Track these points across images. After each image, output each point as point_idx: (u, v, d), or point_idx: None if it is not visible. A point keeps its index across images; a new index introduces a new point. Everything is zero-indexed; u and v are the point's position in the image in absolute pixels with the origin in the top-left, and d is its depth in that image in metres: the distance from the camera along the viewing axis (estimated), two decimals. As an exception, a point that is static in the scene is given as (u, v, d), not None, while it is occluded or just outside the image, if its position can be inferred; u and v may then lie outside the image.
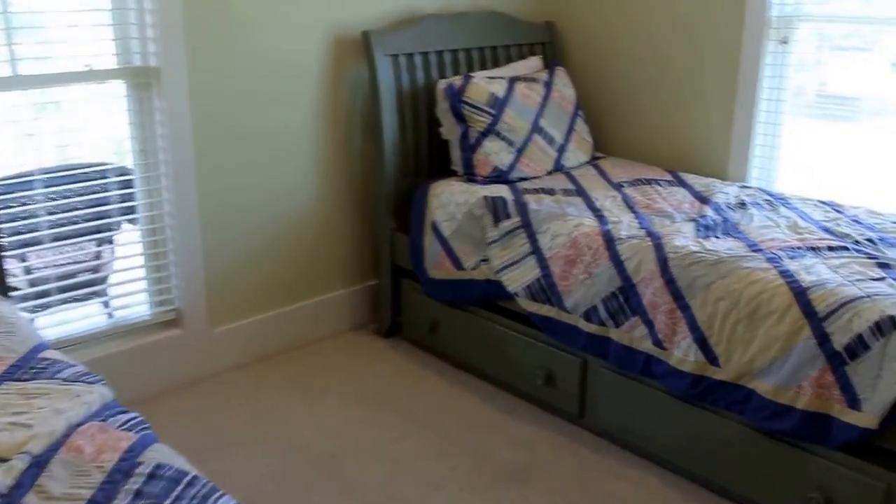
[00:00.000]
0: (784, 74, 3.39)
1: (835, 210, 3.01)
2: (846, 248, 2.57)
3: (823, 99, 3.36)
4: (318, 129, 3.45)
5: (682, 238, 2.67)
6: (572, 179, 3.43)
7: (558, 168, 3.57)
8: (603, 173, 3.53)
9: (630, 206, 3.06)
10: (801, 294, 2.28)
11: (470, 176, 3.39)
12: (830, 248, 2.57)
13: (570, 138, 3.65)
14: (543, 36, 4.02)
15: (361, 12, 3.46)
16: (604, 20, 3.93)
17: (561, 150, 3.58)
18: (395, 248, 3.54)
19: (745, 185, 3.37)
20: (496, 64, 3.83)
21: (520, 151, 3.43)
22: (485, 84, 3.44)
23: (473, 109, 3.38)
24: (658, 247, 2.62)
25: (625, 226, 2.82)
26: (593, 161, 3.75)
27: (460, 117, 3.41)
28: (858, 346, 2.14)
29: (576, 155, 3.66)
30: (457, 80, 3.43)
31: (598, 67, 4.02)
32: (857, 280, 2.32)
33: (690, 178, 3.44)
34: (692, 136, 3.69)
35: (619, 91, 3.95)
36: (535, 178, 3.45)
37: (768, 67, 3.40)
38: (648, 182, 3.37)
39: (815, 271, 2.39)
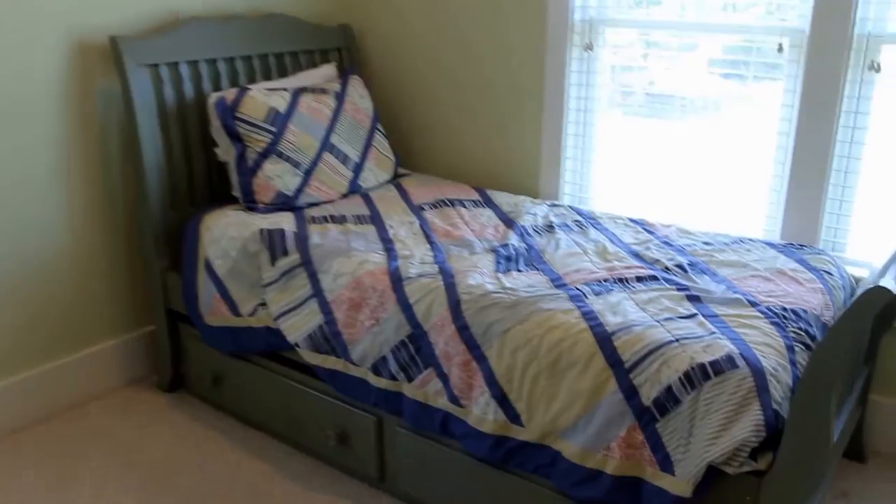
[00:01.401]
0: (592, 82, 3.13)
1: (645, 230, 2.76)
2: (656, 278, 2.31)
3: (650, 98, 3.13)
4: (64, 154, 2.89)
5: (478, 275, 2.33)
6: (369, 203, 3.04)
7: (355, 190, 3.18)
8: (404, 194, 3.16)
9: (427, 234, 2.71)
10: (605, 340, 1.97)
11: (250, 204, 2.94)
12: (639, 279, 2.30)
13: (368, 156, 3.26)
14: (338, 41, 3.61)
15: (111, 14, 2.93)
16: (406, 23, 3.57)
17: (357, 169, 3.19)
18: (169, 290, 3.04)
19: (556, 203, 3.09)
20: (283, 74, 3.39)
21: (308, 173, 3.01)
22: (263, 97, 3.00)
23: (250, 127, 2.93)
24: (450, 287, 2.27)
25: (416, 261, 2.46)
26: (395, 180, 3.37)
27: (235, 136, 2.95)
28: (668, 400, 1.86)
29: (375, 174, 3.28)
30: (229, 94, 2.97)
31: (400, 75, 3.65)
32: (666, 319, 2.04)
33: (499, 197, 3.13)
34: (502, 151, 3.39)
35: (424, 101, 3.60)
36: (327, 202, 3.05)
37: (574, 74, 3.14)
38: (452, 203, 3.03)
39: (621, 310, 2.10)
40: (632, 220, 2.86)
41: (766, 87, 2.79)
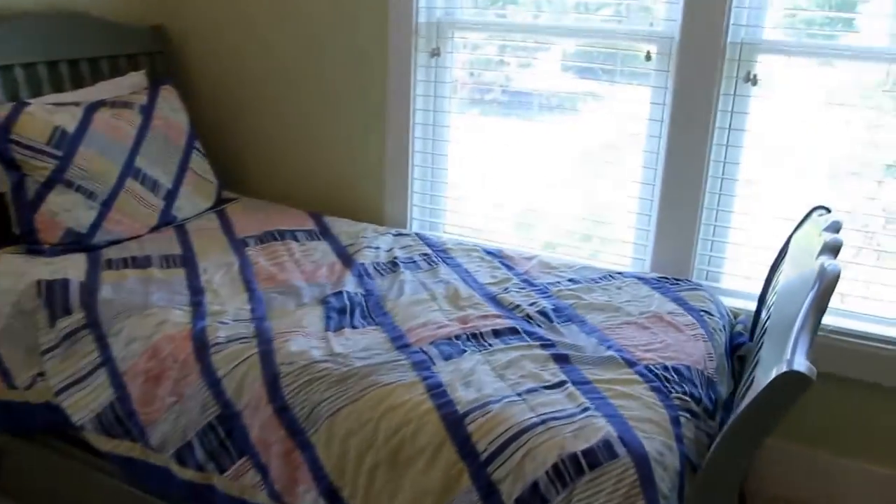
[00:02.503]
0: (442, 93, 2.76)
1: (504, 265, 2.41)
2: (516, 332, 1.95)
3: (508, 95, 2.77)
4: None
5: (303, 337, 1.91)
6: (183, 238, 2.55)
7: (168, 221, 2.68)
8: (228, 225, 2.69)
9: (247, 280, 2.25)
10: (456, 424, 1.59)
11: (33, 245, 2.40)
12: (497, 334, 1.94)
13: (184, 180, 2.76)
14: (149, 45, 3.08)
15: None
16: (229, 25, 3.08)
17: (170, 197, 2.69)
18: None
19: (402, 231, 2.69)
20: (79, 84, 2.84)
21: (106, 205, 2.49)
22: (45, 114, 2.46)
23: (28, 151, 2.38)
24: (267, 355, 1.83)
25: (230, 318, 2.01)
26: (219, 207, 2.89)
27: (11, 163, 2.39)
28: (535, 500, 1.49)
29: (192, 201, 2.78)
30: (2, 111, 2.41)
31: (226, 85, 3.16)
32: (529, 391, 1.68)
33: (339, 226, 2.71)
34: (344, 171, 2.96)
35: (254, 114, 3.12)
36: (132, 238, 2.54)
37: (421, 84, 2.75)
38: (283, 236, 2.58)
39: (475, 381, 1.72)
40: (488, 252, 2.50)
41: (633, 100, 2.50)
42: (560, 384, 1.72)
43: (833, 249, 1.68)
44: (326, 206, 2.98)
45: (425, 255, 2.46)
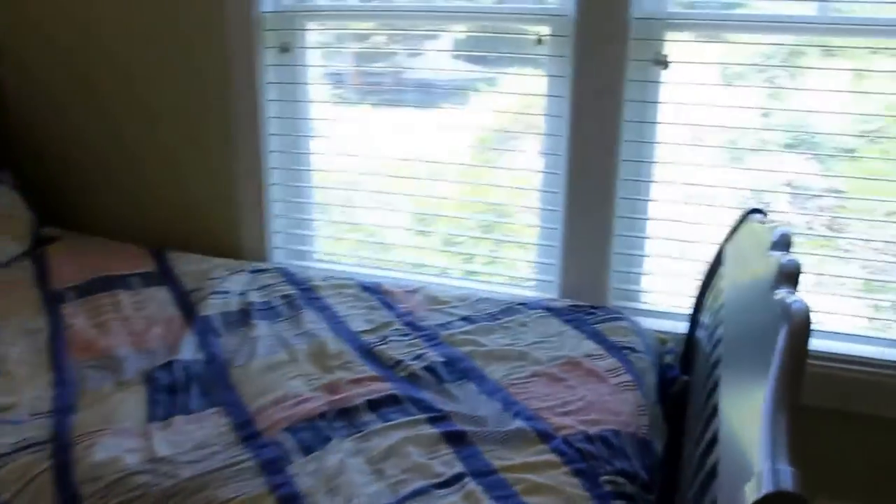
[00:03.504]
0: (301, 95, 2.30)
1: (383, 303, 1.97)
2: (397, 401, 1.53)
3: (385, 88, 2.33)
4: None
5: (113, 438, 1.43)
6: (-21, 296, 2.02)
7: (-37, 274, 2.14)
8: (44, 272, 2.17)
9: (56, 352, 1.76)
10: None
11: None
12: (374, 406, 1.51)
13: (-15, 220, 2.22)
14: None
15: None
16: (49, 24, 2.50)
17: (-35, 242, 2.15)
18: None
19: (261, 267, 2.21)
20: None
21: None
22: None
23: None
24: (62, 471, 1.35)
25: (23, 413, 1.51)
26: (37, 248, 2.34)
27: None
28: None
29: (1, 244, 2.25)
30: None
31: (45, 100, 2.58)
32: (414, 495, 1.26)
33: (184, 264, 2.22)
34: (187, 195, 2.45)
35: (81, 132, 2.55)
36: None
37: (274, 88, 2.28)
38: (111, 284, 2.08)
39: (344, 485, 1.29)
40: (364, 288, 2.05)
41: (529, 93, 2.10)
42: (456, 479, 1.30)
43: (791, 277, 1.31)
44: (171, 239, 2.45)
45: (287, 297, 1.99)
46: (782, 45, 1.94)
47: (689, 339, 1.99)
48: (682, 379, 1.85)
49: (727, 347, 1.40)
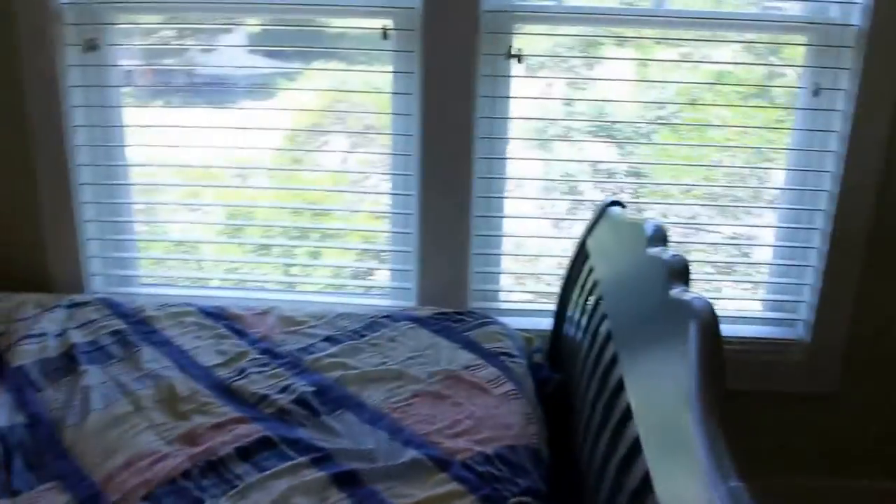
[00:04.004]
0: (109, 98, 2.03)
1: (232, 330, 1.76)
2: (271, 444, 1.35)
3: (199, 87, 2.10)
4: None
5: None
6: None
7: None
8: None
9: None
10: None
11: None
12: (244, 454, 1.33)
13: None
14: None
15: None
16: None
17: None
18: None
19: (79, 300, 1.92)
20: None
21: None
22: None
23: None
24: None
25: None
26: None
27: None
28: None
29: None
30: None
31: None
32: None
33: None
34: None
35: None
36: None
37: (79, 92, 2.00)
38: None
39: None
40: (206, 314, 1.83)
41: (375, 90, 1.97)
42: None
43: (682, 274, 1.27)
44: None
45: (117, 333, 1.73)
46: (622, 36, 1.94)
47: (555, 336, 1.95)
48: (555, 378, 1.80)
49: (622, 344, 1.35)
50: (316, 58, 2.00)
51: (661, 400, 1.08)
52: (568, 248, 2.00)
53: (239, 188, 2.14)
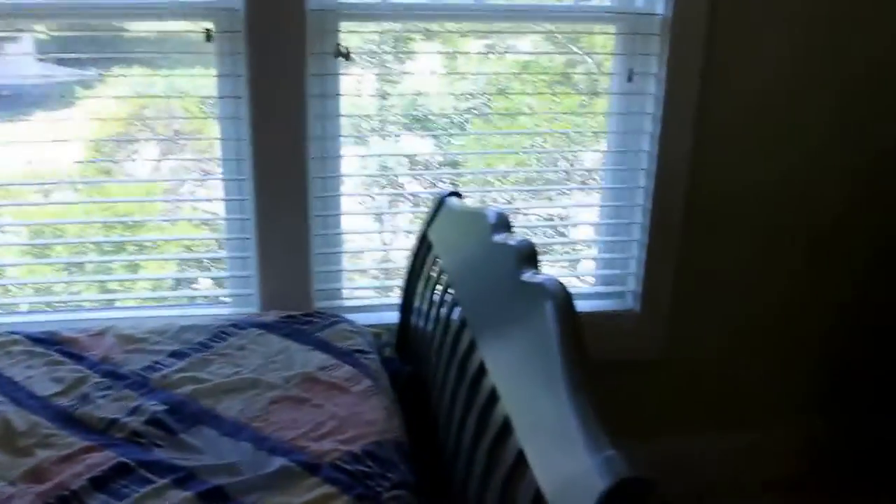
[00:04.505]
0: None
1: (66, 355, 1.64)
2: (127, 469, 1.29)
3: None
4: None
5: None
6: None
7: None
8: None
9: None
10: None
11: None
12: (99, 484, 1.26)
13: None
14: None
15: None
16: None
17: None
18: None
19: None
20: None
21: None
22: None
23: None
24: None
25: None
26: None
27: None
28: None
29: None
30: None
31: None
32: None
33: None
34: None
35: None
36: None
37: None
38: None
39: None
40: (35, 340, 1.70)
41: (201, 94, 1.90)
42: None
43: (531, 258, 1.32)
44: None
45: (-67, 370, 1.59)
46: (442, 31, 1.99)
47: (403, 328, 1.98)
48: (406, 370, 1.82)
49: (479, 330, 1.39)
50: (132, 63, 1.91)
51: (527, 380, 1.13)
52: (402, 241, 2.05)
53: (42, 205, 2.01)
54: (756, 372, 2.35)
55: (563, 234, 2.27)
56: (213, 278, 2.10)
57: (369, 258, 2.17)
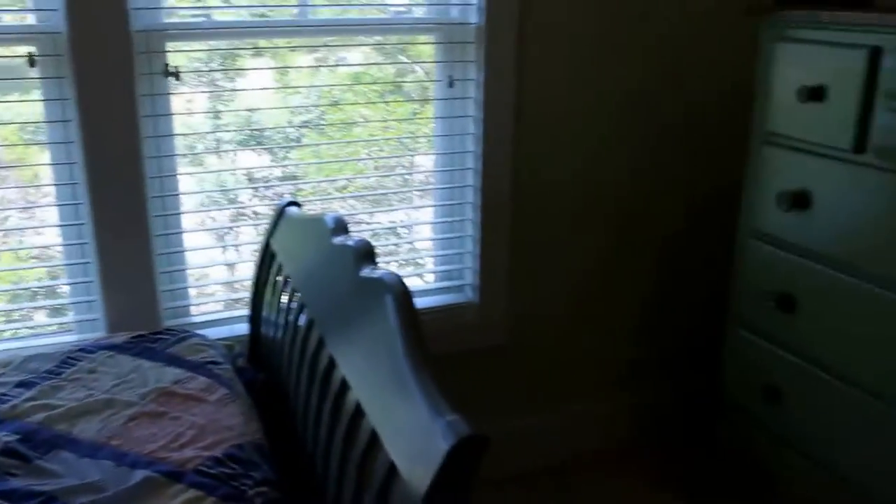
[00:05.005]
0: None
1: None
2: (-14, 499, 1.28)
3: None
4: None
5: None
6: None
7: None
8: None
9: None
10: None
11: None
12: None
13: None
14: None
15: None
16: None
17: None
18: None
19: None
20: None
21: None
22: None
23: None
24: None
25: None
26: None
27: None
28: None
29: None
30: None
31: None
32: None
33: None
34: None
35: None
36: None
37: None
38: None
39: None
40: None
41: (21, 116, 1.87)
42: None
43: (368, 255, 1.43)
44: None
45: None
46: (270, 47, 2.05)
47: (254, 338, 2.03)
48: (260, 377, 1.88)
49: (326, 328, 1.48)
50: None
51: (374, 365, 1.23)
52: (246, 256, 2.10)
53: None
54: (588, 348, 2.56)
55: (404, 238, 2.37)
56: (54, 307, 2.06)
57: (215, 273, 2.20)
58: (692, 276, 2.61)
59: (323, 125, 2.16)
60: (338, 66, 2.16)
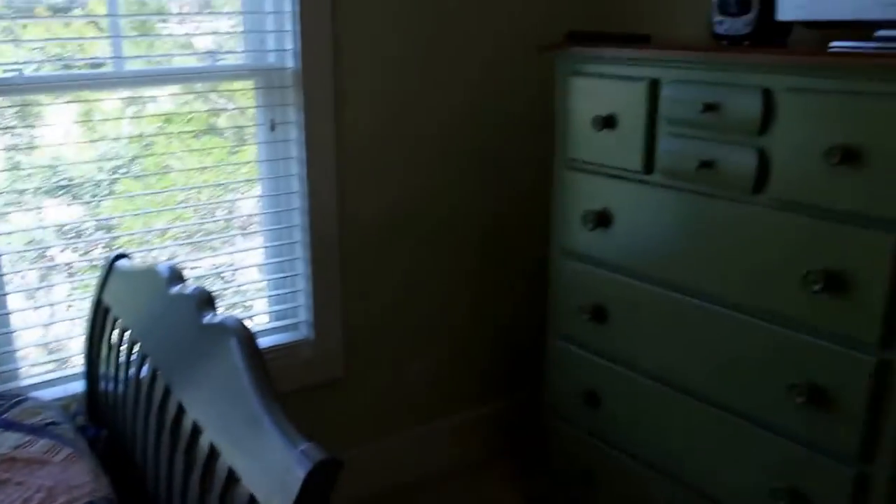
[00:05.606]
0: None
1: None
2: None
3: None
4: None
5: None
6: None
7: None
8: None
9: None
10: None
11: None
12: None
13: None
14: None
15: None
16: None
17: None
18: None
19: None
20: None
21: None
22: None
23: None
24: None
25: None
26: None
27: None
28: None
29: None
30: None
31: None
32: None
33: None
34: None
35: None
36: None
37: None
38: None
39: None
40: None
41: None
42: None
43: (208, 302, 1.49)
44: None
45: None
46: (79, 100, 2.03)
47: (91, 395, 2.00)
48: (103, 434, 1.87)
49: (172, 376, 1.51)
50: None
51: (225, 407, 1.29)
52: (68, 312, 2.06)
53: None
54: (437, 369, 2.68)
55: (231, 282, 2.37)
56: None
57: (39, 334, 2.12)
58: (520, 294, 2.79)
59: (137, 173, 2.12)
60: (142, 115, 2.10)
